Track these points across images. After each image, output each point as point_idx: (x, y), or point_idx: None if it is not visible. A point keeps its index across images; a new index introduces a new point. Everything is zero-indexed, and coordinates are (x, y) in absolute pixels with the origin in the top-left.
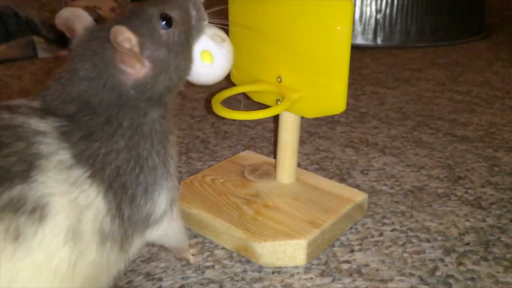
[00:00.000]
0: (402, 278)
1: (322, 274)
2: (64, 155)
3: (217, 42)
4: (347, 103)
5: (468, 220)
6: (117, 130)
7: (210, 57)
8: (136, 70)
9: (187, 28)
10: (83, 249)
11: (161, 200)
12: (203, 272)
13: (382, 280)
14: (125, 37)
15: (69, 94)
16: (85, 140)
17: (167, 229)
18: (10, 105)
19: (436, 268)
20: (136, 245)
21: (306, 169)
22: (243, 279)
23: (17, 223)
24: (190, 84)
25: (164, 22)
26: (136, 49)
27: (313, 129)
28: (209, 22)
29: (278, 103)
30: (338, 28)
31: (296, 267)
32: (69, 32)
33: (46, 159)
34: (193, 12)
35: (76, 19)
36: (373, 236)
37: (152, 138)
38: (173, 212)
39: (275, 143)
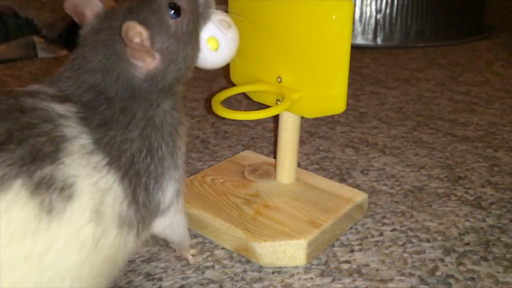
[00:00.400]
0: (402, 278)
1: (322, 274)
2: (85, 140)
3: (223, 28)
4: (347, 103)
5: (468, 220)
6: (132, 120)
7: (216, 44)
8: (147, 63)
9: (195, 17)
10: (104, 229)
11: (169, 190)
12: (203, 272)
13: (382, 280)
14: (136, 31)
15: (84, 83)
16: (102, 127)
17: (172, 220)
18: (28, 91)
19: (436, 268)
20: (147, 234)
21: (306, 169)
22: (243, 279)
23: (50, 199)
24: (190, 84)
25: (173, 11)
26: (147, 43)
27: (313, 129)
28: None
29: (278, 103)
30: (338, 27)
31: (296, 267)
32: (79, 18)
33: (70, 143)
34: (201, 0)
35: (86, 4)
36: (373, 236)
37: (163, 130)
38: (179, 203)
39: (275, 143)
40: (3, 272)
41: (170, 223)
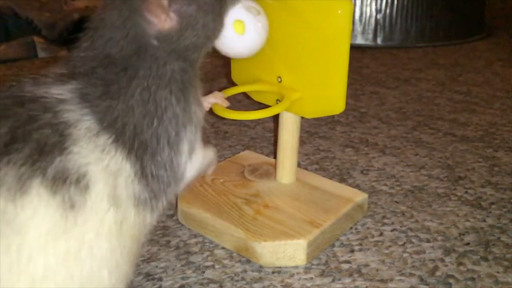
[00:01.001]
0: (402, 278)
1: (322, 274)
2: (89, 121)
3: (252, 13)
4: (347, 103)
5: (468, 220)
6: (132, 80)
7: (242, 28)
8: (161, 22)
9: None
10: (124, 212)
11: (183, 150)
12: (203, 272)
13: (382, 280)
14: None
15: (92, 50)
16: (103, 98)
17: (191, 174)
18: (36, 75)
19: (436, 268)
20: (167, 200)
21: (306, 169)
22: (243, 279)
23: (69, 194)
24: None
25: None
26: (165, 1)
27: (313, 129)
28: None
29: (278, 103)
30: (338, 27)
31: (296, 267)
32: None
33: (74, 127)
34: None
35: None
36: (373, 236)
37: (171, 86)
38: (192, 160)
39: (275, 143)
40: (47, 277)
41: (191, 175)
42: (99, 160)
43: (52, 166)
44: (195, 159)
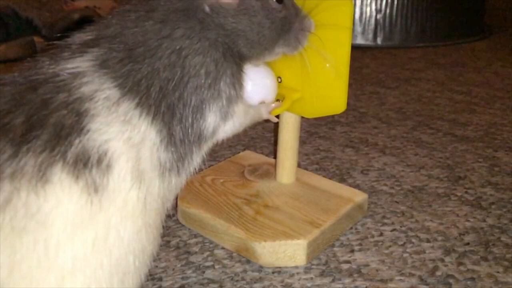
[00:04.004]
0: (402, 278)
1: (322, 274)
2: (108, 89)
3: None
4: (347, 103)
5: (468, 220)
6: (164, 40)
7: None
8: None
9: (288, 22)
10: (148, 185)
11: (209, 120)
12: (203, 272)
13: (382, 280)
14: None
15: (134, 8)
16: (126, 62)
17: (226, 135)
18: (57, 50)
19: (436, 268)
20: (195, 162)
21: (306, 169)
22: (243, 279)
23: (91, 177)
24: None
25: None
26: None
27: (313, 129)
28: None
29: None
30: (338, 27)
31: (296, 267)
32: None
33: (90, 101)
34: (300, 20)
35: None
36: (373, 236)
37: (207, 55)
38: (226, 125)
39: (275, 143)
40: (77, 269)
41: (226, 134)
42: (119, 133)
43: (72, 149)
44: (229, 125)
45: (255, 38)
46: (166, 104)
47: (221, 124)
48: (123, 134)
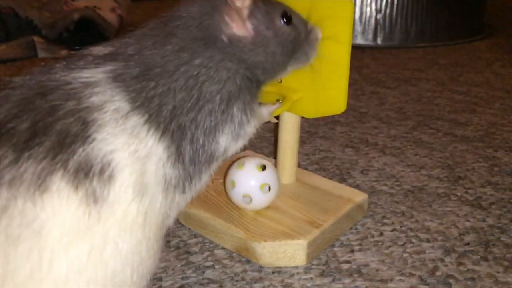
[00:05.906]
0: (402, 278)
1: (322, 274)
2: (119, 101)
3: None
4: (347, 103)
5: (468, 220)
6: (182, 66)
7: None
8: (237, 26)
9: (297, 41)
10: (150, 199)
11: (223, 141)
12: (203, 272)
13: (382, 280)
14: None
15: (155, 30)
16: (141, 79)
17: (236, 149)
18: (73, 58)
19: (436, 268)
20: (203, 181)
21: (306, 169)
22: (243, 279)
23: (92, 187)
24: None
25: (284, 17)
26: (245, 12)
27: (313, 129)
28: None
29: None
30: (338, 27)
31: (296, 267)
32: None
33: (99, 111)
34: (307, 33)
35: None
36: (373, 236)
37: (224, 85)
38: (237, 142)
39: (275, 143)
40: (70, 281)
41: (234, 152)
42: (126, 145)
43: (74, 157)
44: (240, 143)
45: (269, 67)
46: (177, 124)
47: (232, 144)
48: (130, 146)
